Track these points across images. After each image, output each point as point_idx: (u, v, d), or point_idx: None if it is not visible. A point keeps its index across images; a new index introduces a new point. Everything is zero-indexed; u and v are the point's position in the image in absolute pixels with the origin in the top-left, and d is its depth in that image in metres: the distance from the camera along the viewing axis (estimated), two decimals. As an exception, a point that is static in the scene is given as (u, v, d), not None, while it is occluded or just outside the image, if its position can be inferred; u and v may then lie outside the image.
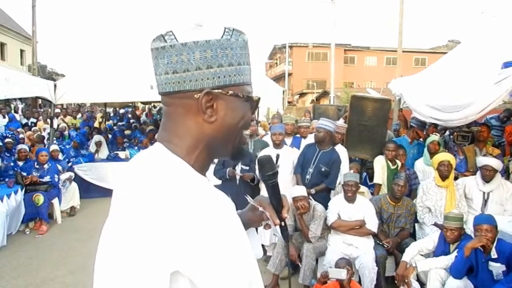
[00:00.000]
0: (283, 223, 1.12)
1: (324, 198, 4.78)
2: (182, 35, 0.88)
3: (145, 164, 0.85)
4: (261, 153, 5.02)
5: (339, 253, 4.07)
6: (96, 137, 9.42)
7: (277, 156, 5.01)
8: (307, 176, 4.98)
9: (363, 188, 5.13)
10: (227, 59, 0.89)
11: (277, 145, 5.17)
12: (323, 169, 4.93)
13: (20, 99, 17.71)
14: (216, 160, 5.38)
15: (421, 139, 5.99)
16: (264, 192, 4.98)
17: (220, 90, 0.89)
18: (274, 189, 1.11)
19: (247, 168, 5.03)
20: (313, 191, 4.87)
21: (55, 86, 7.75)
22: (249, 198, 1.17)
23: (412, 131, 6.06)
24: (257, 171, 4.89)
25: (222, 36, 0.89)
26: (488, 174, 4.32)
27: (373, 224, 4.27)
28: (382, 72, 34.40)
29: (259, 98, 0.99)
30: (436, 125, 6.52)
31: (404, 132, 6.42)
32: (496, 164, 4.37)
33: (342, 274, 3.38)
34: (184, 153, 0.89)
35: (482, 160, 4.46)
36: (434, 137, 5.37)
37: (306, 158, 5.09)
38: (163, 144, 0.90)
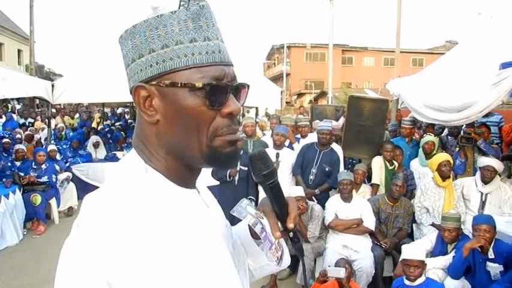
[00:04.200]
0: (291, 234, 0.88)
1: (324, 198, 4.80)
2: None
3: (113, 178, 0.76)
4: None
5: (337, 255, 4.08)
6: (94, 138, 9.40)
7: (277, 155, 5.02)
8: (311, 177, 4.99)
9: (365, 187, 5.14)
10: (160, 41, 0.72)
11: (278, 146, 5.17)
12: (327, 169, 4.95)
13: (17, 99, 17.66)
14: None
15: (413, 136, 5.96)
16: (263, 192, 4.98)
17: (154, 82, 0.73)
18: (274, 192, 0.87)
19: (246, 168, 5.01)
20: (317, 191, 4.88)
21: (53, 86, 7.72)
22: (243, 204, 0.97)
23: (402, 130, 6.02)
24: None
25: (176, 11, 0.73)
26: (488, 176, 4.32)
27: (370, 222, 4.28)
28: (380, 73, 34.45)
29: (212, 84, 0.73)
30: (434, 124, 6.53)
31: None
32: (497, 165, 4.37)
33: (341, 273, 3.39)
34: (155, 162, 0.77)
35: (483, 160, 4.45)
36: (429, 138, 5.38)
37: (306, 158, 5.09)
38: (136, 150, 0.80)
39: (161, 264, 0.65)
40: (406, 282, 3.27)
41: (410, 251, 3.33)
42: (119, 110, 16.79)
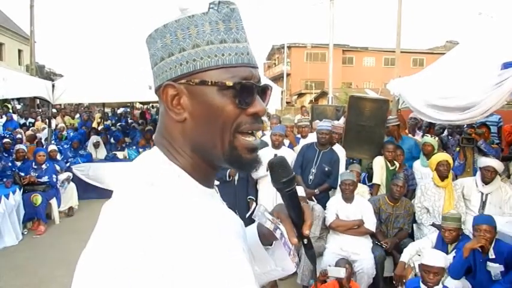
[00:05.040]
0: (305, 240, 0.89)
1: (323, 198, 4.80)
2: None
3: (136, 176, 0.74)
4: (262, 152, 4.99)
5: (337, 255, 4.07)
6: (94, 138, 9.40)
7: (275, 156, 4.99)
8: (310, 177, 4.98)
9: (363, 187, 5.13)
10: (191, 41, 0.74)
11: (276, 146, 5.17)
12: (326, 169, 4.94)
13: (18, 99, 17.68)
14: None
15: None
16: (263, 191, 4.97)
17: (183, 80, 0.75)
18: (291, 199, 0.88)
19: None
20: (317, 191, 4.87)
21: (53, 86, 7.74)
22: (261, 209, 0.93)
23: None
24: (269, 177, 4.81)
25: (207, 12, 0.75)
26: (489, 176, 4.32)
27: (371, 223, 4.27)
28: (380, 73, 34.43)
29: (243, 84, 0.75)
30: (434, 125, 6.53)
31: (404, 133, 6.41)
32: (498, 165, 4.37)
33: (341, 273, 3.39)
34: (180, 159, 0.78)
35: (484, 161, 4.44)
36: (427, 139, 5.37)
37: (306, 158, 5.09)
38: (159, 147, 0.80)
39: (189, 268, 0.64)
40: (422, 286, 3.20)
41: (431, 257, 3.20)
42: (120, 110, 16.80)
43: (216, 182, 5.09)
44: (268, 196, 4.78)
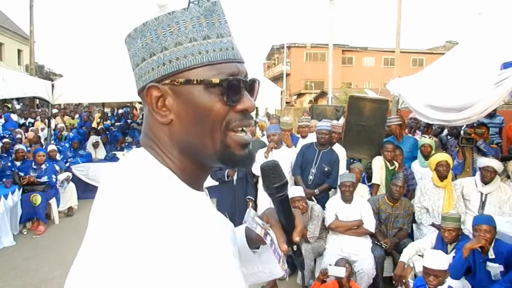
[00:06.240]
0: (295, 247, 0.86)
1: (323, 198, 4.80)
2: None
3: (125, 177, 0.71)
4: (258, 154, 4.98)
5: (337, 256, 4.07)
6: (93, 138, 9.40)
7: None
8: (310, 177, 4.98)
9: (363, 187, 5.13)
10: (172, 39, 0.71)
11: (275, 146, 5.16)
12: (326, 169, 4.94)
13: (17, 99, 17.67)
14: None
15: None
16: (262, 192, 4.96)
17: (167, 81, 0.72)
18: (282, 204, 0.84)
19: (243, 169, 4.99)
20: (317, 191, 4.87)
21: (53, 86, 7.73)
22: (251, 214, 0.90)
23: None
24: (261, 182, 4.78)
25: (188, 8, 0.71)
26: (488, 176, 4.32)
27: (370, 224, 4.28)
28: (380, 73, 34.47)
29: (230, 80, 0.72)
30: (432, 125, 6.52)
31: (403, 133, 6.41)
32: (497, 165, 4.37)
33: (341, 272, 3.39)
34: (169, 162, 0.75)
35: (483, 161, 4.44)
36: (425, 140, 5.37)
37: (305, 158, 5.08)
38: (146, 149, 0.77)
39: (174, 270, 0.62)
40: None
41: (431, 259, 3.14)
42: (121, 111, 16.77)
43: (215, 183, 5.11)
44: (268, 196, 4.78)
